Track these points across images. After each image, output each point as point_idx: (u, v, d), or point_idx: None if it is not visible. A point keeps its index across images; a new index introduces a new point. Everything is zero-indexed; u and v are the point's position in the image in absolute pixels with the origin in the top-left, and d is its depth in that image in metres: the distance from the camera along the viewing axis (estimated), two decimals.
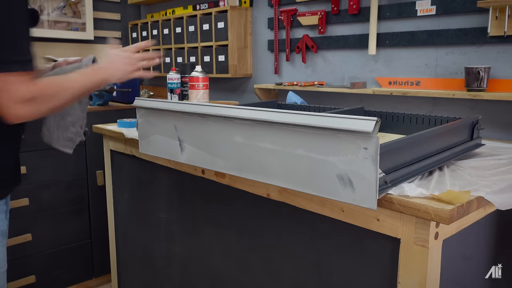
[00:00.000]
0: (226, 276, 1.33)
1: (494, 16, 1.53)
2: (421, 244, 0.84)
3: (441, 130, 1.09)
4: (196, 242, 1.42)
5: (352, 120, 0.79)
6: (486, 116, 1.56)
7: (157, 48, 2.96)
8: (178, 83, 1.95)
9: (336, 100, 2.11)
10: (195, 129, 1.12)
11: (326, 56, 2.17)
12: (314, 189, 0.88)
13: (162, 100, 1.23)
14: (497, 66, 1.59)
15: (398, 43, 1.86)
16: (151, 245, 1.65)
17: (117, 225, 1.86)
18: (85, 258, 2.45)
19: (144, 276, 1.74)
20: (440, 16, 1.74)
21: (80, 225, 2.41)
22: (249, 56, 2.56)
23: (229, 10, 2.44)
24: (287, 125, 0.89)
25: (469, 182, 0.95)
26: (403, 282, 0.88)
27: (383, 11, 1.89)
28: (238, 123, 1.00)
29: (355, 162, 0.80)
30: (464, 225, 0.92)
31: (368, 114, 1.47)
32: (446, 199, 0.80)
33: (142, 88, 3.14)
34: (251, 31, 2.54)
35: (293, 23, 2.28)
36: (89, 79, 1.11)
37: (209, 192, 1.33)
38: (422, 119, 1.33)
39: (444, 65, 1.75)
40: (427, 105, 1.82)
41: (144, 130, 1.30)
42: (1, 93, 0.91)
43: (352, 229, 0.95)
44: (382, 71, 1.95)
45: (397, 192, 0.86)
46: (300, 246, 1.09)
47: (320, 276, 1.06)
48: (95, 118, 2.19)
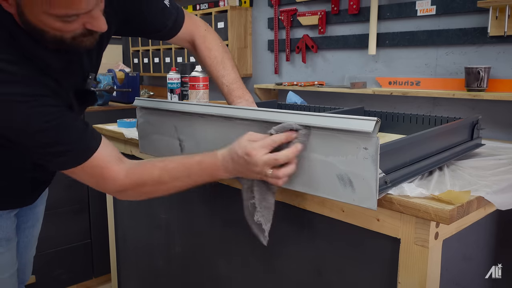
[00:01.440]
0: (226, 276, 1.33)
1: (494, 16, 1.52)
2: (421, 244, 0.84)
3: (441, 130, 1.09)
4: (196, 242, 1.42)
5: (352, 120, 0.79)
6: (486, 116, 1.56)
7: (156, 48, 2.96)
8: (178, 83, 1.95)
9: (336, 100, 2.11)
10: (195, 129, 1.12)
11: (326, 56, 2.17)
12: (314, 189, 0.88)
13: (162, 100, 1.23)
14: (497, 66, 1.59)
15: (398, 43, 1.86)
16: (151, 245, 1.65)
17: (117, 225, 1.86)
18: (85, 258, 2.45)
19: (144, 276, 1.74)
20: (440, 16, 1.74)
21: (80, 225, 2.41)
22: (249, 56, 2.56)
23: (229, 10, 2.44)
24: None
25: (469, 182, 0.95)
26: (403, 282, 0.88)
27: (383, 11, 1.89)
28: (238, 123, 1.00)
29: (355, 162, 0.80)
30: (464, 225, 0.92)
31: (368, 114, 1.47)
32: (446, 199, 0.80)
33: (142, 88, 3.14)
34: (251, 31, 2.54)
35: (293, 23, 2.28)
36: (198, 177, 0.93)
37: (209, 192, 1.33)
38: (422, 119, 1.33)
39: (444, 65, 1.75)
40: (427, 105, 1.82)
41: (144, 130, 1.30)
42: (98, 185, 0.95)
43: (352, 229, 0.95)
44: (382, 71, 1.95)
45: (397, 192, 0.86)
46: (300, 246, 1.09)
47: (320, 276, 1.06)
48: (95, 118, 2.19)
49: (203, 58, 1.27)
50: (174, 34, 1.24)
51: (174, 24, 1.21)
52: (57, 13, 0.75)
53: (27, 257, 1.39)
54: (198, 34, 1.28)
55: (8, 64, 0.80)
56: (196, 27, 1.27)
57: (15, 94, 0.80)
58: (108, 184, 0.93)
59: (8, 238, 1.16)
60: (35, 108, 0.82)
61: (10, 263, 1.20)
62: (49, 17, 0.76)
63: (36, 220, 1.35)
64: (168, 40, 1.26)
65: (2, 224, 1.14)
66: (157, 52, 2.97)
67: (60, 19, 0.77)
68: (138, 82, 2.58)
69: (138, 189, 0.94)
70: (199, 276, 1.43)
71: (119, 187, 0.93)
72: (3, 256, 1.16)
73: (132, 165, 0.94)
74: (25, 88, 0.81)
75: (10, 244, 1.17)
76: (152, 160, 0.96)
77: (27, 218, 1.30)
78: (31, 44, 0.83)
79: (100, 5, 0.82)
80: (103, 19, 0.82)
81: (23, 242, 1.33)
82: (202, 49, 1.27)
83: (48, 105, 0.84)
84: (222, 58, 1.27)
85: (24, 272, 1.40)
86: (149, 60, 3.06)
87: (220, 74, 1.26)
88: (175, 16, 1.20)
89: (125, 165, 0.94)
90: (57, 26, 0.78)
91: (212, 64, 1.26)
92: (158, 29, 1.20)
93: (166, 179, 0.93)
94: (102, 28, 0.82)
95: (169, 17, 1.19)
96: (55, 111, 0.85)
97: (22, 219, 1.29)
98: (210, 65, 1.27)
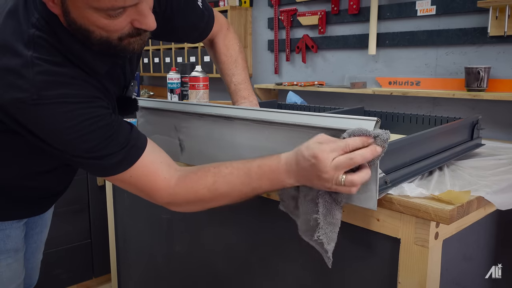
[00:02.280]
0: (227, 276, 1.33)
1: (494, 16, 1.52)
2: (421, 244, 0.83)
3: (441, 130, 1.09)
4: (196, 242, 1.42)
5: (352, 120, 0.79)
6: (486, 116, 1.56)
7: (156, 48, 2.96)
8: (178, 83, 1.95)
9: (336, 100, 2.11)
10: (195, 129, 1.12)
11: (326, 56, 2.17)
12: None
13: (162, 100, 1.23)
14: (497, 66, 1.59)
15: (398, 43, 1.86)
16: (151, 245, 1.65)
17: (117, 225, 1.86)
18: (85, 258, 2.45)
19: (144, 276, 1.74)
20: (440, 16, 1.74)
21: (80, 225, 2.40)
22: (249, 56, 2.56)
23: (229, 10, 2.44)
24: (287, 125, 0.89)
25: (469, 182, 0.95)
26: (403, 282, 0.88)
27: (383, 11, 1.89)
28: (238, 123, 1.00)
29: None
30: (464, 225, 0.92)
31: (368, 114, 1.47)
32: (446, 199, 0.80)
33: (142, 88, 3.14)
34: (251, 31, 2.54)
35: (293, 23, 2.28)
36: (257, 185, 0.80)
37: None
38: (422, 119, 1.32)
39: (444, 65, 1.75)
40: (427, 105, 1.82)
41: (144, 130, 1.30)
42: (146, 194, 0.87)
43: (352, 229, 0.95)
44: (382, 71, 1.95)
45: (397, 192, 0.86)
46: (300, 246, 1.09)
47: (320, 276, 1.06)
48: None
49: (219, 55, 1.27)
50: (204, 36, 1.22)
51: (206, 25, 1.20)
52: (102, 6, 0.70)
53: (35, 262, 1.38)
54: (220, 32, 1.27)
55: (54, 65, 0.77)
56: (220, 27, 1.27)
57: (67, 96, 0.76)
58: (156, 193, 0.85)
59: (17, 249, 1.13)
60: (87, 109, 0.78)
61: (18, 274, 1.17)
62: (94, 13, 0.72)
63: (44, 226, 1.32)
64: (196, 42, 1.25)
65: (11, 235, 1.10)
66: (157, 52, 2.97)
67: (105, 13, 0.72)
68: (138, 82, 2.58)
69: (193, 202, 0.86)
70: (199, 276, 1.43)
71: (168, 196, 0.85)
72: (11, 267, 1.13)
73: (184, 172, 0.86)
74: (75, 90, 0.78)
75: (18, 255, 1.14)
76: (200, 167, 0.87)
77: (36, 225, 1.28)
78: (77, 47, 0.79)
79: (148, 1, 0.76)
80: (152, 16, 0.76)
81: (30, 247, 1.30)
82: (220, 46, 1.27)
83: (101, 107, 0.80)
84: (236, 57, 1.27)
85: (30, 277, 1.38)
86: (149, 60, 3.06)
87: (231, 72, 1.26)
88: (207, 17, 1.18)
89: (176, 172, 0.86)
90: (103, 23, 0.73)
91: (227, 61, 1.26)
92: (193, 30, 1.17)
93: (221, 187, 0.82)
94: (151, 26, 0.76)
95: (202, 19, 1.16)
96: (107, 114, 0.81)
97: (31, 226, 1.27)
98: (224, 62, 1.26)
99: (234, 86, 1.25)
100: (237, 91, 1.24)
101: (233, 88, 1.25)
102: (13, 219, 1.09)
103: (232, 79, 1.25)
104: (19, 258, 1.15)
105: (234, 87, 1.25)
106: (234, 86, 1.25)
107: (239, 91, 1.24)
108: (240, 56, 1.29)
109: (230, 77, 1.26)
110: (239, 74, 1.26)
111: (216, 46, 1.28)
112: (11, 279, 1.13)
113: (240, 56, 1.29)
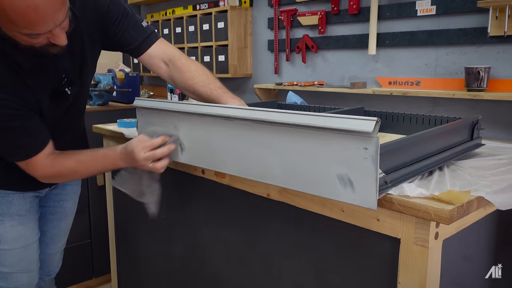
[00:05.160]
0: (226, 276, 1.33)
1: (494, 16, 1.53)
2: (421, 244, 0.84)
3: (441, 130, 1.09)
4: (196, 242, 1.42)
5: (352, 120, 0.79)
6: (486, 116, 1.56)
7: None
8: None
9: (336, 100, 2.11)
10: (195, 129, 1.12)
11: (326, 56, 2.17)
12: (314, 189, 0.88)
13: (162, 100, 1.23)
14: (497, 66, 1.59)
15: (398, 43, 1.86)
16: (151, 245, 1.65)
17: (117, 225, 1.86)
18: (85, 258, 2.45)
19: (144, 276, 1.74)
20: (440, 16, 1.74)
21: (80, 225, 2.40)
22: (249, 56, 2.56)
23: (229, 10, 2.44)
24: (287, 125, 0.89)
25: (469, 182, 0.95)
26: (403, 282, 0.88)
27: (383, 11, 1.89)
28: (238, 123, 1.00)
29: (355, 162, 0.80)
30: (464, 225, 0.92)
31: (368, 114, 1.47)
32: (446, 199, 0.80)
33: (142, 88, 3.14)
34: (251, 31, 2.54)
35: (293, 23, 2.28)
36: (102, 167, 1.26)
37: (209, 192, 1.33)
38: (422, 119, 1.33)
39: (444, 65, 1.75)
40: (427, 105, 1.82)
41: (144, 130, 1.29)
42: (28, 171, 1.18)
43: (352, 229, 0.95)
44: (382, 71, 1.95)
45: (397, 192, 0.86)
46: (300, 246, 1.09)
47: (320, 276, 1.06)
48: (95, 118, 2.19)
49: (183, 73, 1.27)
50: (145, 49, 1.27)
51: (145, 40, 1.27)
52: (24, 32, 0.94)
53: (54, 249, 1.53)
54: (177, 52, 1.30)
55: None
56: (174, 49, 1.30)
57: None
58: (36, 172, 1.17)
59: (21, 214, 1.32)
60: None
61: (24, 236, 1.33)
62: (18, 34, 0.95)
63: (64, 214, 1.50)
64: (138, 57, 1.29)
65: (14, 202, 1.30)
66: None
67: (27, 36, 0.96)
68: (138, 82, 2.57)
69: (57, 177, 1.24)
70: (199, 276, 1.43)
71: (44, 175, 1.18)
72: (15, 229, 1.31)
73: (54, 156, 1.17)
74: None
75: (23, 219, 1.32)
76: (66, 153, 1.20)
77: (56, 210, 1.47)
78: (7, 46, 1.01)
79: (62, 25, 0.98)
80: (63, 36, 1.00)
81: (50, 233, 1.49)
82: (180, 64, 1.27)
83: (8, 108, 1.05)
84: (203, 71, 1.28)
85: (48, 265, 1.53)
86: None
87: (204, 83, 1.25)
88: (147, 34, 1.27)
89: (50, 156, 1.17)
90: (26, 39, 0.97)
91: (194, 76, 1.26)
92: (129, 43, 1.26)
93: (79, 169, 1.22)
94: (62, 42, 1.00)
95: (141, 34, 1.27)
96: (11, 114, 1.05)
97: (50, 210, 1.46)
98: (192, 78, 1.26)
99: (215, 92, 1.24)
100: (221, 94, 1.24)
101: (215, 93, 1.24)
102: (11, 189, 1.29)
103: (210, 86, 1.25)
104: (24, 222, 1.33)
105: (216, 92, 1.24)
106: (215, 91, 1.24)
107: (224, 93, 1.24)
108: (207, 71, 1.29)
109: (208, 86, 1.25)
110: (214, 82, 1.26)
111: (177, 66, 1.28)
112: (15, 240, 1.32)
113: (207, 71, 1.29)
